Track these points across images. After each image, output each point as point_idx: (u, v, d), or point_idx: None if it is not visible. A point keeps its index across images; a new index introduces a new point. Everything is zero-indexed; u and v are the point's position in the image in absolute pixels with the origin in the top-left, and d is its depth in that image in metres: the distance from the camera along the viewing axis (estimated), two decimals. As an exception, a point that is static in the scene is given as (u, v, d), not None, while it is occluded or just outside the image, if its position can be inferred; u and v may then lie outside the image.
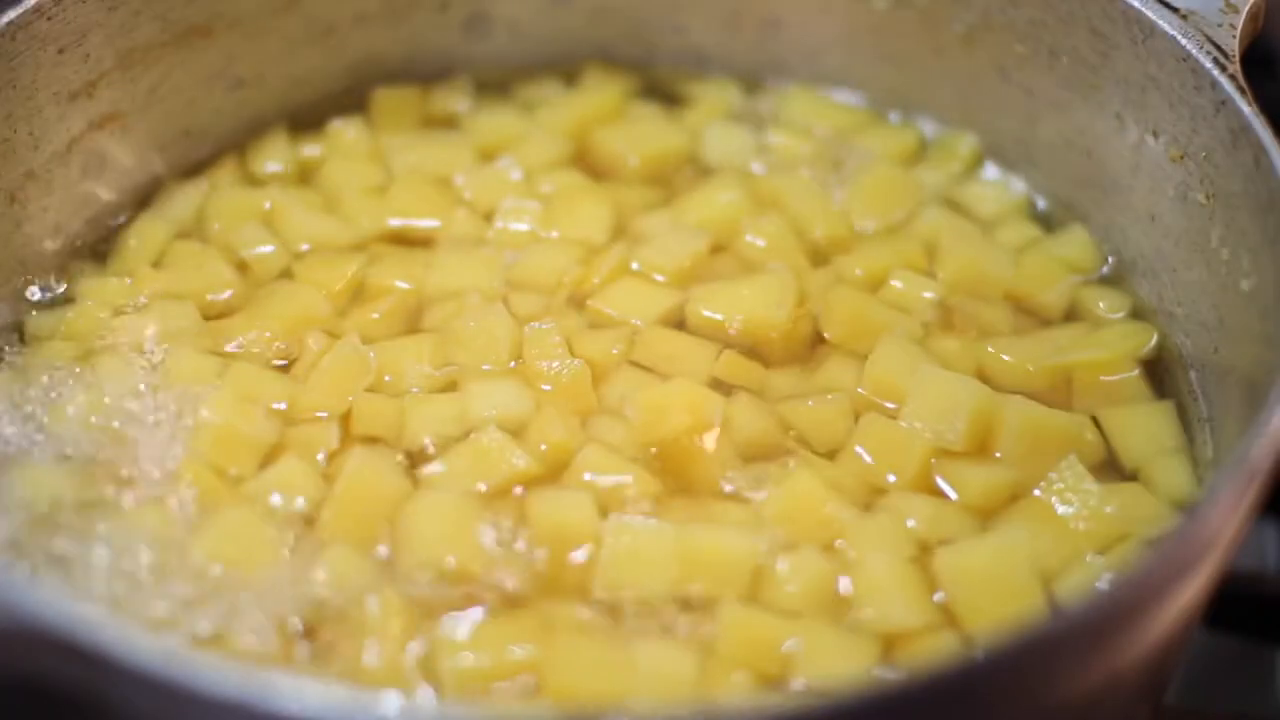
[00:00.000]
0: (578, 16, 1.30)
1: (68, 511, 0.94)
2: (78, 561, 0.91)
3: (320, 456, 0.99)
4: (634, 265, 1.12)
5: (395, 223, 1.17)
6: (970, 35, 1.20)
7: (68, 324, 1.07)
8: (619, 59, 1.31)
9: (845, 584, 0.91)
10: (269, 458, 0.99)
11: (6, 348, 1.06)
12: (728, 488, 0.97)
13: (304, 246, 1.15)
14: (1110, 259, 1.15)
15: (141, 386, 1.02)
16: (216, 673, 0.70)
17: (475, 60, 1.30)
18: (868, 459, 0.99)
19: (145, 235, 1.15)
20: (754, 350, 1.07)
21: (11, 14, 1.05)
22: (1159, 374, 1.07)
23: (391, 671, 0.86)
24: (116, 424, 0.99)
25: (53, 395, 1.01)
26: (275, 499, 0.95)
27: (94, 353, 1.05)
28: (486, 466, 0.97)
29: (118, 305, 1.09)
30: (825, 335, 1.08)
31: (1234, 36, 1.02)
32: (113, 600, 0.89)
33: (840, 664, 0.86)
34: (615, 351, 1.05)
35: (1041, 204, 1.21)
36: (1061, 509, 0.95)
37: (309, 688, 0.70)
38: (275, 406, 1.02)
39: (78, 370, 1.03)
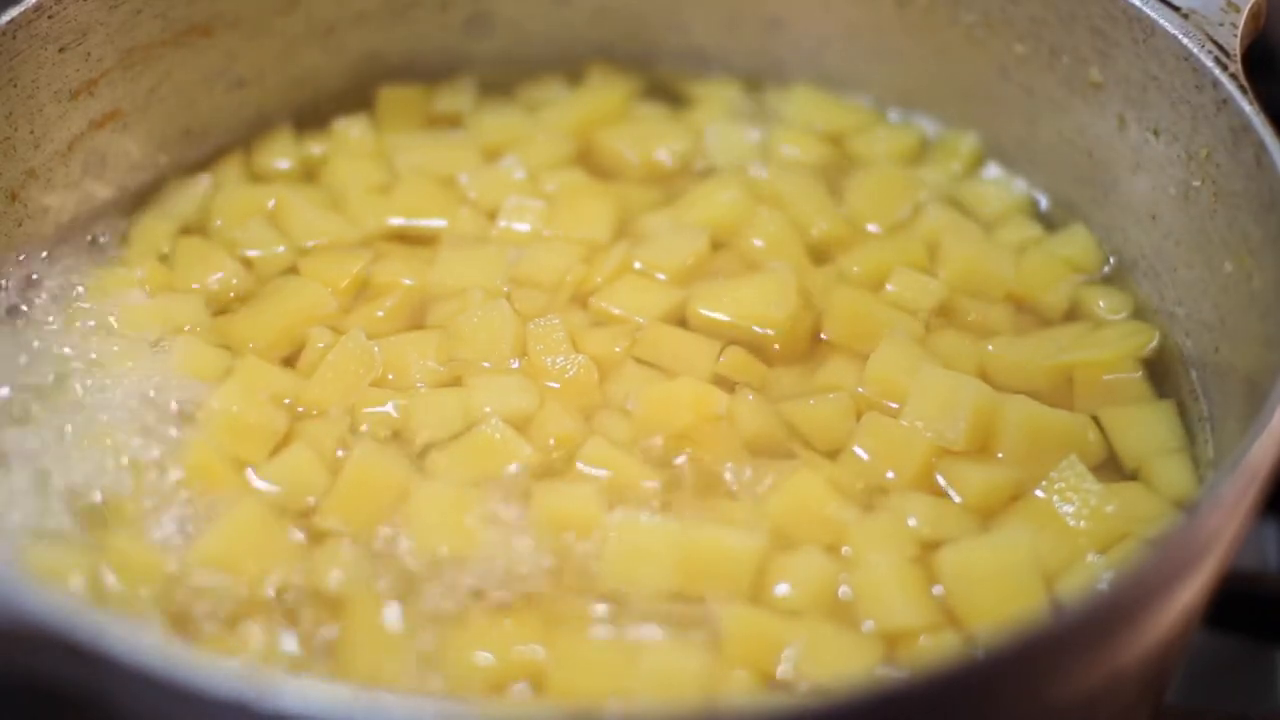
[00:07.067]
0: (579, 16, 1.30)
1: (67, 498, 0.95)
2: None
3: (327, 449, 0.99)
4: (636, 264, 1.12)
5: (399, 221, 1.17)
6: (971, 34, 1.20)
7: (71, 315, 1.07)
8: (621, 58, 1.31)
9: (847, 583, 0.91)
10: (276, 450, 0.99)
11: (8, 342, 1.07)
12: (731, 485, 0.97)
13: (309, 244, 1.15)
14: (1111, 258, 1.15)
15: (147, 376, 1.02)
16: (217, 671, 0.70)
17: (478, 60, 1.30)
18: (869, 458, 0.99)
19: (149, 231, 1.15)
20: (755, 349, 1.07)
21: (13, 12, 1.05)
22: (1160, 374, 1.07)
23: (393, 668, 0.86)
24: (120, 413, 0.99)
25: (53, 380, 1.02)
26: (281, 489, 0.96)
27: (97, 343, 1.05)
28: (491, 459, 0.97)
29: (123, 298, 1.09)
30: (826, 334, 1.08)
31: (1235, 35, 1.02)
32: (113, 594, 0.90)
33: (842, 663, 0.86)
34: (618, 350, 1.05)
35: (1043, 203, 1.21)
36: (1062, 508, 0.95)
37: (309, 686, 0.70)
38: (282, 400, 1.02)
39: (79, 356, 1.03)
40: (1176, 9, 1.05)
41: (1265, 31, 1.06)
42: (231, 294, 1.11)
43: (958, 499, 0.97)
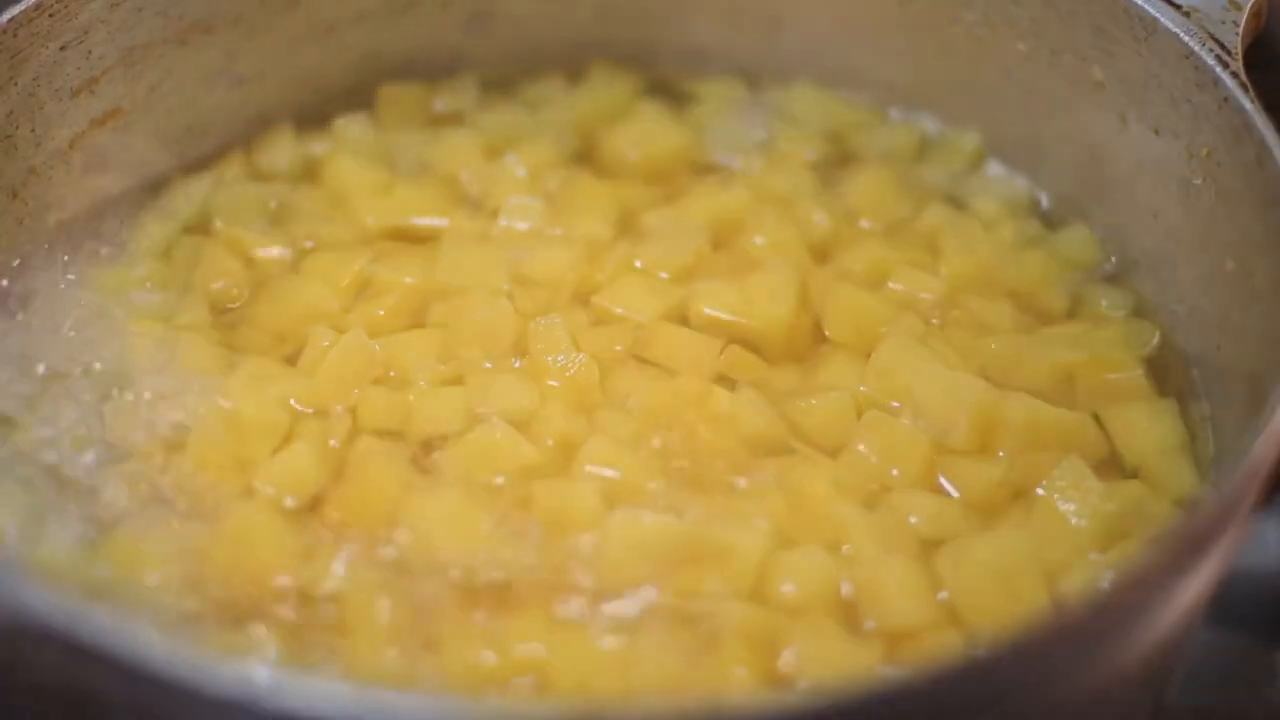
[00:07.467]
0: (580, 14, 1.30)
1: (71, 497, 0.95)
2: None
3: (329, 447, 0.99)
4: (637, 262, 1.12)
5: (400, 220, 1.17)
6: (972, 32, 1.20)
7: (73, 314, 1.07)
8: (622, 56, 1.31)
9: (848, 582, 0.91)
10: (278, 448, 0.99)
11: (10, 342, 1.07)
12: (732, 484, 0.97)
13: (310, 243, 1.15)
14: (1112, 256, 1.15)
15: (148, 375, 1.02)
16: (217, 671, 0.70)
17: (479, 57, 1.30)
18: (870, 457, 0.99)
19: (151, 230, 1.15)
20: (756, 347, 1.07)
21: (13, 11, 1.05)
22: (1161, 372, 1.07)
23: (393, 668, 0.86)
24: (121, 412, 1.00)
25: (55, 379, 1.02)
26: (283, 488, 0.96)
27: (99, 343, 1.05)
28: (492, 459, 0.97)
29: (124, 297, 1.09)
30: (827, 333, 1.08)
31: (1236, 34, 1.02)
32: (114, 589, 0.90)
33: (843, 662, 0.86)
34: (619, 348, 1.05)
35: (1044, 201, 1.21)
36: (1063, 507, 0.95)
37: (310, 686, 0.70)
38: (284, 398, 1.02)
39: (81, 355, 1.04)
40: (1178, 7, 1.05)
41: (1267, 30, 1.06)
42: (233, 293, 1.11)
43: (959, 497, 0.97)
